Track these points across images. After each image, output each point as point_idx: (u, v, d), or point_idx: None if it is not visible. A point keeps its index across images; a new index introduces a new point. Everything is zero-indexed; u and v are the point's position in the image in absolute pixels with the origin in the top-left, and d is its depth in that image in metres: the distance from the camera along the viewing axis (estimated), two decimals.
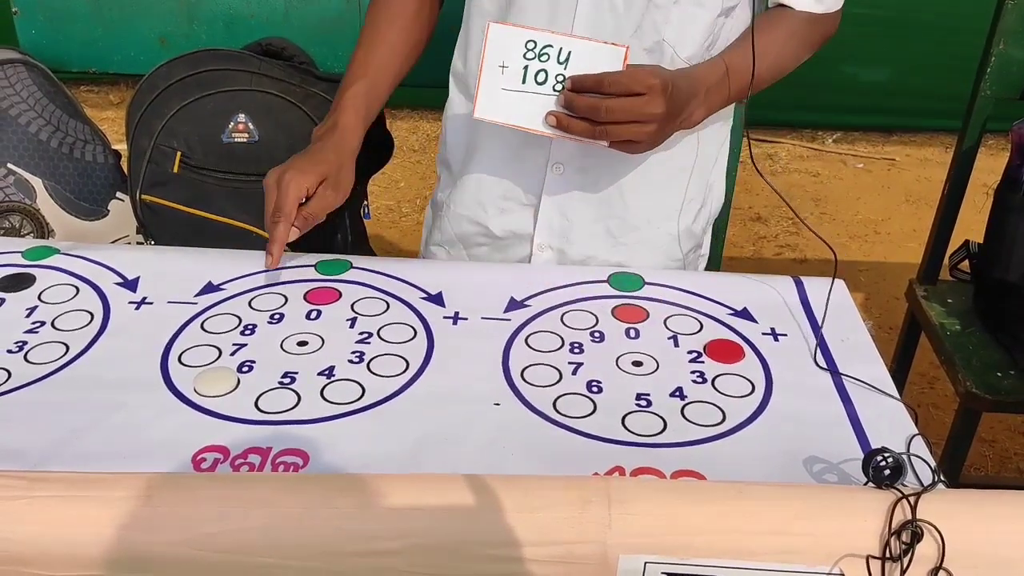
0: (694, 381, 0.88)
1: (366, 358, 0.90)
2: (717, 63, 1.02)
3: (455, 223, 1.17)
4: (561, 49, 0.94)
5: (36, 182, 1.31)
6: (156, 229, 1.32)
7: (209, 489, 0.66)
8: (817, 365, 0.90)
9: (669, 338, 0.94)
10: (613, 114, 0.92)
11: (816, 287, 1.03)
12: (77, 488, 0.66)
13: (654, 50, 1.03)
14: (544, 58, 0.95)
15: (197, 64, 1.30)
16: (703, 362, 0.91)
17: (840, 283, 1.03)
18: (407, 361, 0.90)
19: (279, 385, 0.85)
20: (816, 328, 0.96)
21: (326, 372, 0.87)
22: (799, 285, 1.03)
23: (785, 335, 0.95)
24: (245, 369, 0.87)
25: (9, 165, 1.29)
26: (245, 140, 1.28)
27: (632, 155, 1.00)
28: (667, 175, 1.11)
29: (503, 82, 0.96)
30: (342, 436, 0.80)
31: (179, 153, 1.27)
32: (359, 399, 0.84)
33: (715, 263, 1.64)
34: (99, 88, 3.41)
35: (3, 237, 1.23)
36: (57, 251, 1.04)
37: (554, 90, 0.95)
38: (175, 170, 1.28)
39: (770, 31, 1.05)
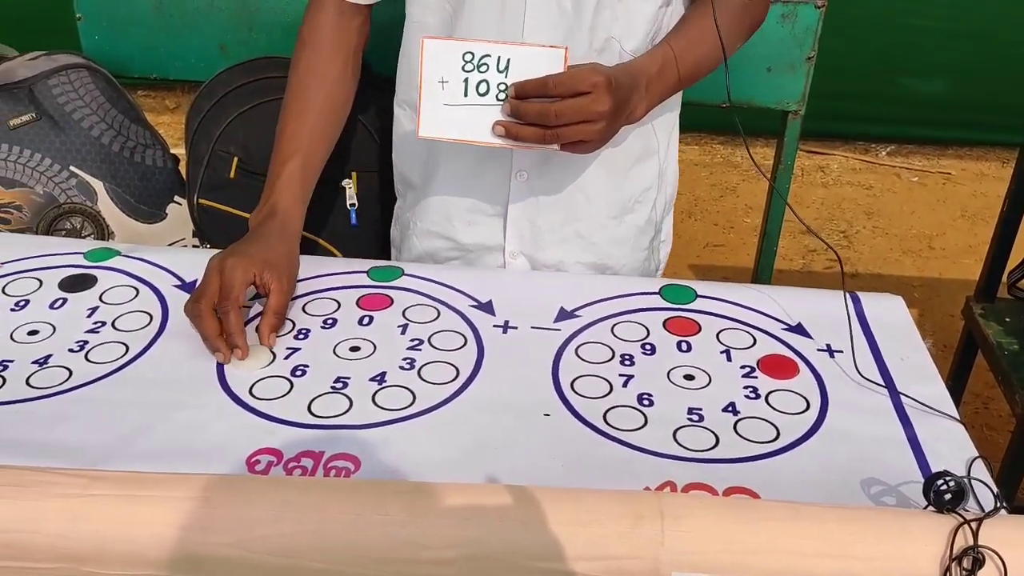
0: (747, 397, 0.87)
1: (417, 365, 0.90)
2: (655, 55, 1.01)
3: (423, 240, 1.16)
4: (500, 58, 0.92)
5: (97, 185, 1.34)
6: (212, 232, 1.34)
7: (264, 492, 0.67)
8: (863, 376, 0.89)
9: (722, 352, 0.93)
10: (562, 116, 0.91)
11: (873, 303, 1.01)
12: (134, 488, 0.67)
13: (604, 49, 1.03)
14: (484, 69, 0.93)
15: (255, 71, 1.32)
16: (756, 377, 0.90)
17: (898, 299, 1.01)
18: (457, 369, 0.90)
19: (332, 390, 0.86)
20: (873, 345, 0.94)
21: (378, 378, 0.88)
22: (855, 301, 1.01)
23: (841, 351, 0.93)
24: (299, 373, 0.88)
25: (72, 168, 1.33)
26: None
27: (583, 155, 0.99)
28: (624, 169, 1.11)
29: (445, 98, 0.94)
30: (393, 442, 0.80)
31: (236, 158, 1.29)
32: (410, 405, 0.85)
33: (766, 276, 1.62)
34: (156, 93, 3.48)
35: (65, 238, 1.26)
36: (118, 253, 1.06)
37: (497, 100, 0.93)
38: (232, 175, 1.30)
39: (705, 19, 1.04)
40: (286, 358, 0.90)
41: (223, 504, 0.66)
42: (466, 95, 0.94)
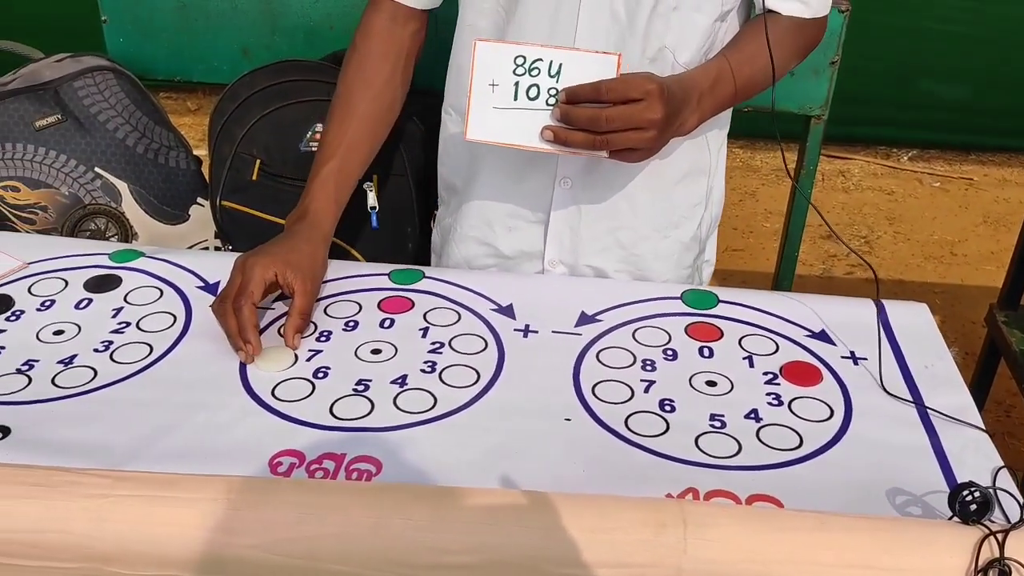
0: (770, 403, 0.86)
1: (438, 368, 0.90)
2: (708, 69, 1.00)
3: (461, 245, 1.16)
4: (552, 62, 0.91)
5: (122, 186, 1.35)
6: (234, 234, 1.35)
7: (287, 494, 0.68)
8: (888, 393, 0.88)
9: (744, 358, 0.93)
10: (613, 123, 0.89)
11: (898, 310, 1.00)
12: (159, 488, 0.68)
13: (657, 58, 1.03)
14: (535, 73, 0.92)
15: (279, 74, 1.33)
16: (779, 384, 0.89)
17: (923, 307, 1.01)
18: (478, 373, 0.90)
19: (353, 392, 0.86)
20: (898, 353, 0.93)
21: (399, 380, 0.88)
22: (880, 308, 1.00)
23: (865, 359, 0.93)
24: (321, 375, 0.89)
25: (97, 169, 1.34)
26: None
27: (632, 164, 0.98)
28: (672, 183, 1.11)
29: (494, 101, 0.93)
30: (414, 445, 0.80)
31: (258, 160, 1.30)
32: (431, 409, 0.85)
33: (787, 281, 1.61)
34: (178, 95, 3.50)
35: (90, 240, 1.27)
36: (142, 254, 1.07)
37: (547, 104, 0.93)
38: (254, 177, 1.31)
39: (760, 36, 1.03)
40: (308, 360, 0.91)
41: (246, 506, 0.67)
42: (516, 99, 0.93)
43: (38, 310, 0.97)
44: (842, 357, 0.93)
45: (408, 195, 1.32)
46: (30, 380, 0.86)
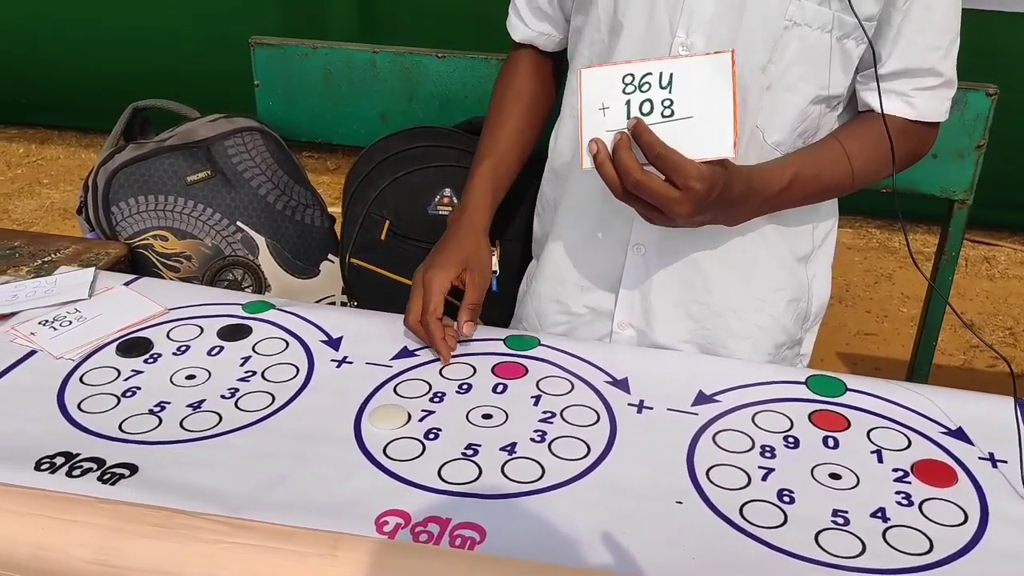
0: (899, 503, 0.81)
1: (548, 438, 0.89)
2: (783, 172, 0.97)
3: (535, 300, 1.19)
4: (662, 74, 0.88)
5: (260, 240, 1.42)
6: (360, 291, 1.39)
7: (391, 556, 0.68)
8: None
9: (872, 452, 0.88)
10: (638, 189, 0.88)
11: None
12: (271, 539, 0.69)
13: (751, 137, 1.00)
14: (645, 88, 0.88)
15: (412, 139, 1.38)
16: (910, 482, 0.84)
17: None
18: (588, 446, 0.88)
19: (462, 456, 0.86)
20: None
21: (508, 448, 0.88)
22: (1020, 406, 0.93)
23: (1005, 462, 0.86)
24: (431, 436, 0.89)
25: (239, 223, 1.41)
26: (449, 213, 1.33)
27: (709, 238, 1.02)
28: (752, 265, 1.07)
29: (607, 124, 0.89)
30: (519, 515, 0.79)
31: (387, 222, 1.34)
32: (539, 479, 0.84)
33: (923, 371, 1.53)
34: (319, 155, 3.68)
35: (226, 290, 1.34)
36: (273, 306, 1.11)
37: (663, 117, 0.88)
38: (382, 237, 1.35)
39: (859, 137, 1.01)
40: (420, 420, 0.92)
41: (352, 565, 0.67)
42: (628, 117, 0.89)
43: (174, 354, 1.02)
44: (979, 458, 0.87)
45: (527, 260, 1.33)
46: (160, 421, 0.91)
